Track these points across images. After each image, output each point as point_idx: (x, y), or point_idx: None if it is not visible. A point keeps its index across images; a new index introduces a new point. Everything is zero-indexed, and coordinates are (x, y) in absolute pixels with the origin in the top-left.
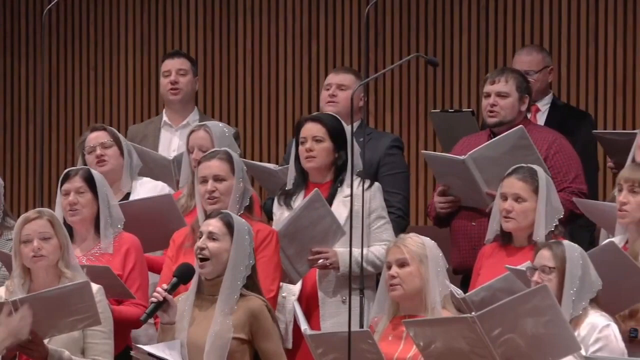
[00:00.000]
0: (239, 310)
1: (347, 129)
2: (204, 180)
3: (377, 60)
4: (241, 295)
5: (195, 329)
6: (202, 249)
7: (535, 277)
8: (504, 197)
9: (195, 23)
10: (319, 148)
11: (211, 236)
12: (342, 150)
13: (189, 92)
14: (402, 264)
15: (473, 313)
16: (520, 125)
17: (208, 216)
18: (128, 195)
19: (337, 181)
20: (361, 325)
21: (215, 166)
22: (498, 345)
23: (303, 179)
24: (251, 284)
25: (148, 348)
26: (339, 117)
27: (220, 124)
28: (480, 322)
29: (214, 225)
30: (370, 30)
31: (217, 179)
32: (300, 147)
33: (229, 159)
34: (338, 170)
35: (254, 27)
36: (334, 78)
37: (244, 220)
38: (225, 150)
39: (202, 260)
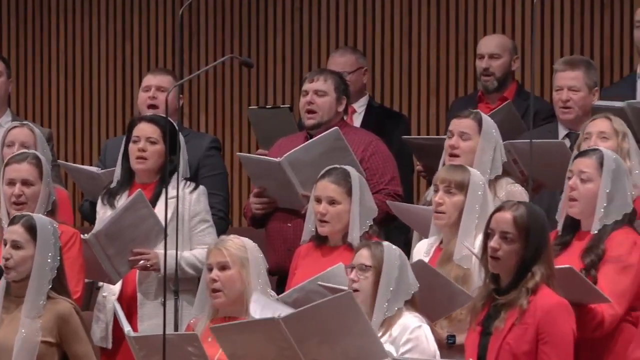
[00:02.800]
0: (47, 313)
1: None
2: (11, 183)
3: (192, 61)
4: (49, 297)
5: (3, 332)
6: (6, 259)
7: (352, 275)
8: (318, 200)
9: (7, 23)
10: (152, 150)
11: (15, 244)
12: (174, 155)
13: (2, 95)
14: (223, 267)
15: (279, 315)
16: (336, 127)
17: (11, 221)
18: None
19: (163, 182)
20: (176, 328)
21: (24, 170)
22: (305, 349)
23: (129, 178)
24: (59, 286)
25: None
26: (172, 120)
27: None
28: (286, 325)
29: (17, 232)
30: (185, 31)
31: (26, 183)
32: (132, 146)
33: (38, 164)
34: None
35: (66, 27)
36: (152, 80)
37: (49, 219)
38: (34, 153)
39: (7, 268)
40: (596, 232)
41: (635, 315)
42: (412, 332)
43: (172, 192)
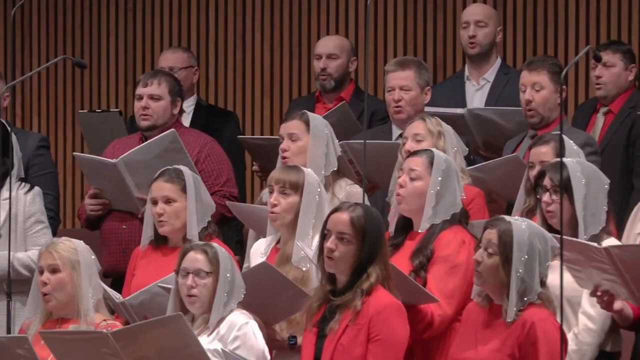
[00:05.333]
0: None
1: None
2: None
3: (24, 63)
4: None
5: None
6: None
7: (189, 282)
8: (154, 202)
9: None
10: None
11: None
12: (6, 157)
13: None
14: (53, 269)
15: (107, 330)
16: (172, 129)
17: None
18: None
19: None
20: (8, 330)
21: None
22: None
23: None
24: None
25: None
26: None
27: None
28: (115, 339)
29: None
30: (17, 32)
31: None
32: None
33: None
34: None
35: None
36: None
37: None
38: None
39: None
40: (425, 231)
41: None
42: (239, 328)
43: (5, 193)
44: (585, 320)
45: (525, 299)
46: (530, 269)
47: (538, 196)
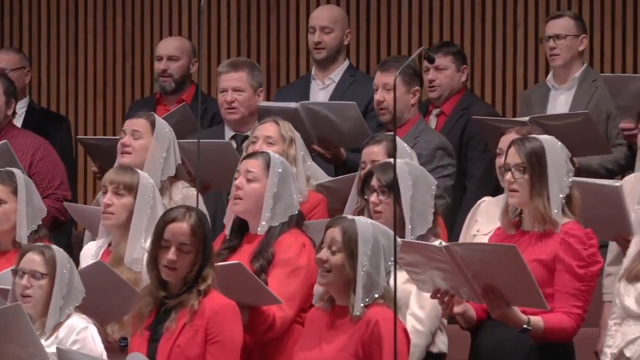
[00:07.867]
0: None
1: None
2: None
3: None
4: None
5: None
6: None
7: (24, 282)
8: None
9: None
10: None
11: None
12: None
13: None
14: None
15: None
16: (5, 141)
17: None
18: None
19: None
20: None
21: None
22: None
23: None
24: None
25: None
26: None
27: None
28: None
29: None
30: None
31: None
32: None
33: None
34: None
35: None
36: None
37: None
38: None
39: None
40: (263, 233)
41: (305, 317)
42: (78, 333)
43: None
44: (413, 322)
45: (371, 294)
46: (376, 263)
47: (365, 196)
